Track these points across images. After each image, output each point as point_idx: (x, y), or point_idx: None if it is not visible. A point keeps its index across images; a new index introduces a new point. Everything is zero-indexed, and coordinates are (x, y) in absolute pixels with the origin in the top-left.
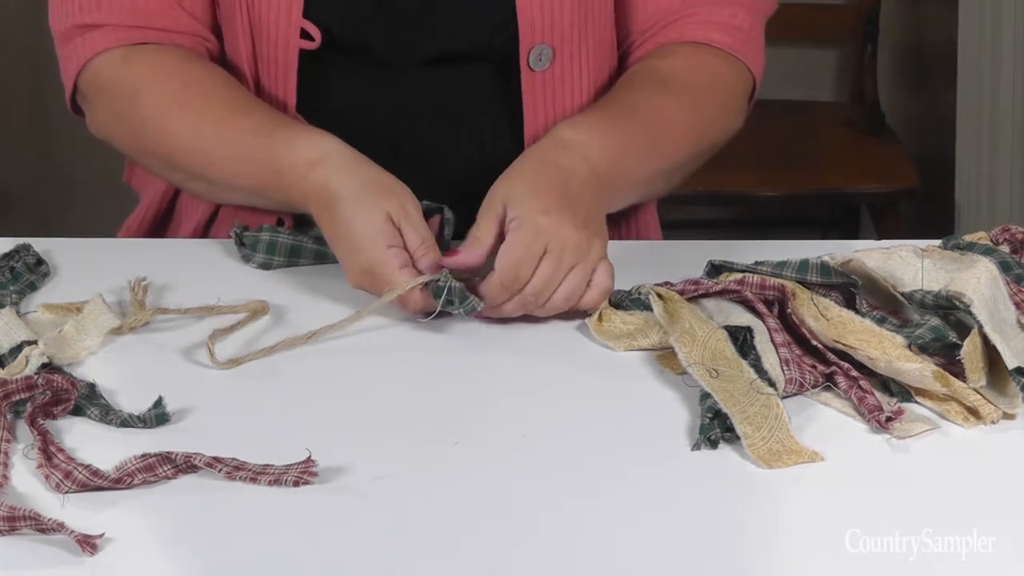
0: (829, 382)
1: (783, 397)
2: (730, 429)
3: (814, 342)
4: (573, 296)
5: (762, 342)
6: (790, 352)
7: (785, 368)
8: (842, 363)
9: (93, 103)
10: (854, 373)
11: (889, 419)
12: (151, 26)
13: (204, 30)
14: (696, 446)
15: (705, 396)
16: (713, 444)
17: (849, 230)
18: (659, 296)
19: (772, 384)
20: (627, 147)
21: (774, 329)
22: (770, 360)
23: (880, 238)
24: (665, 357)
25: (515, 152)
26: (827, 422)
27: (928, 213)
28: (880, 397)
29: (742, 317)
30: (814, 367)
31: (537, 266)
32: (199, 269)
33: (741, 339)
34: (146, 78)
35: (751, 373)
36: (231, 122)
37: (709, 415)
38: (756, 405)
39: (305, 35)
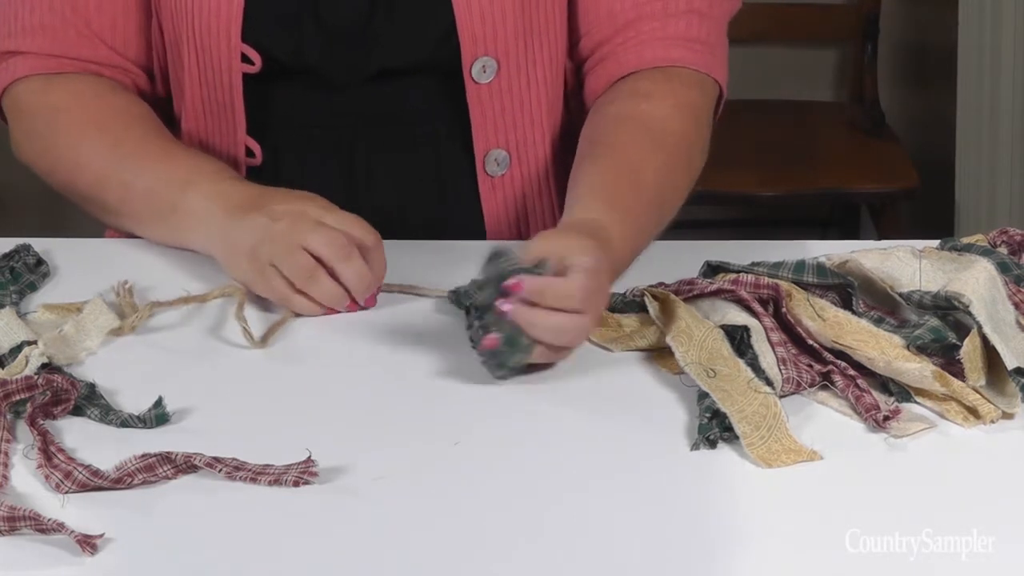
0: (826, 381)
1: (781, 396)
2: (729, 429)
3: (811, 341)
4: (549, 358)
5: (759, 341)
6: (787, 351)
7: (782, 367)
8: (839, 362)
9: (12, 126)
10: (851, 372)
11: (886, 418)
12: (68, 56)
13: (126, 63)
14: (695, 446)
15: (703, 396)
16: (712, 444)
17: (849, 230)
18: (654, 297)
19: (769, 383)
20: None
21: (770, 328)
22: (767, 359)
23: (880, 238)
24: (662, 357)
25: (468, 165)
26: (825, 421)
27: (928, 213)
28: (877, 396)
29: (738, 316)
30: (811, 366)
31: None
32: (200, 269)
33: (738, 338)
34: (67, 101)
35: (748, 372)
36: (144, 150)
37: (707, 415)
38: (754, 404)
39: (247, 59)
